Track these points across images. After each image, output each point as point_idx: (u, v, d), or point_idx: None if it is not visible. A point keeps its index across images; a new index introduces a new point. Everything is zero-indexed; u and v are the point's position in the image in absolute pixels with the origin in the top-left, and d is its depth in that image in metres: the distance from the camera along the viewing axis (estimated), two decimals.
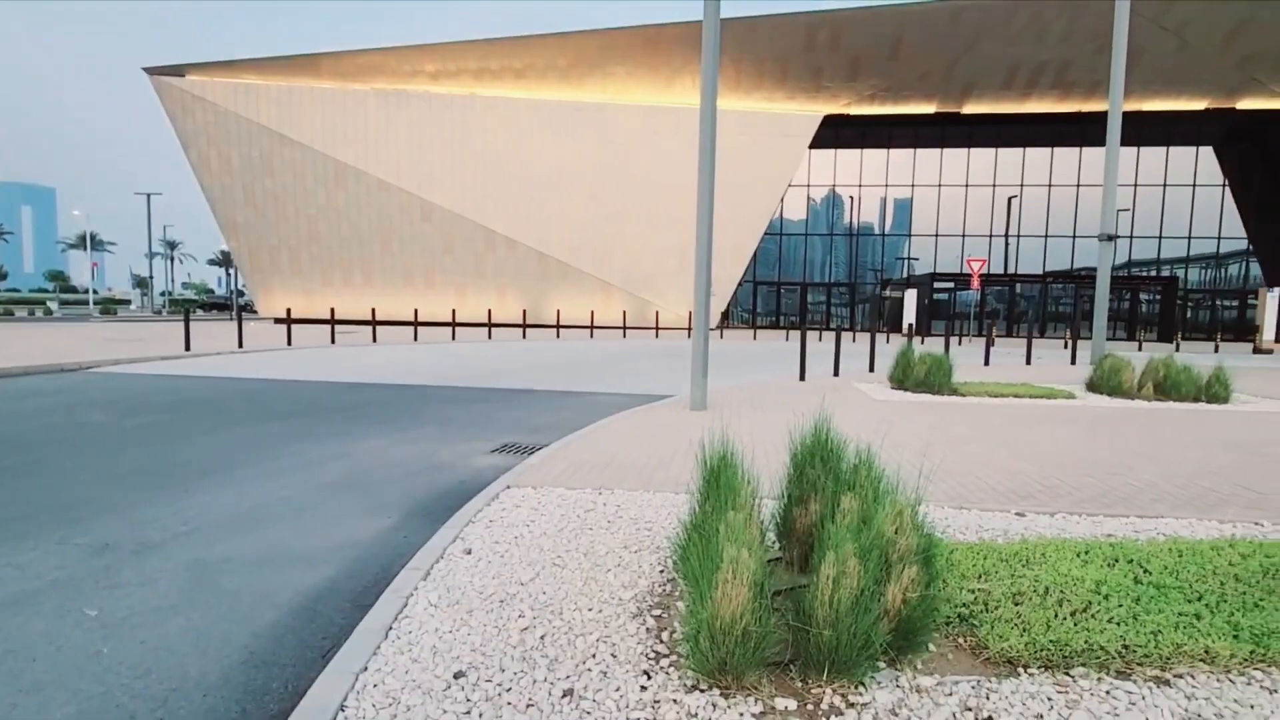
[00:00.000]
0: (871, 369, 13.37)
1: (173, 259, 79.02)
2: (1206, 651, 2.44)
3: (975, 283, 26.54)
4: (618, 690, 2.28)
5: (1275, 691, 2.29)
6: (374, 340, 20.33)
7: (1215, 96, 29.19)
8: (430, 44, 28.33)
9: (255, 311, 34.54)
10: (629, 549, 3.61)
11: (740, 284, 33.01)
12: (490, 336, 24.04)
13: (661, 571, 3.32)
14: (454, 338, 22.74)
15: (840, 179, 36.02)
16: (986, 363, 15.92)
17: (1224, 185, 33.42)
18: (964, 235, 35.43)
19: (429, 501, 4.67)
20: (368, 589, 3.24)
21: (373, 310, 21.60)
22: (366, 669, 2.42)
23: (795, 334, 29.83)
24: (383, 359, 15.32)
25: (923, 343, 21.43)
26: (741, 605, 2.25)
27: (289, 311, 19.16)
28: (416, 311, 23.29)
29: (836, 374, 12.55)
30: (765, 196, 30.75)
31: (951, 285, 33.33)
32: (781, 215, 35.33)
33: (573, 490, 4.71)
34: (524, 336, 24.67)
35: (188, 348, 15.59)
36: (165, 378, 11.37)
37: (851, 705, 2.20)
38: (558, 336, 25.37)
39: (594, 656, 2.50)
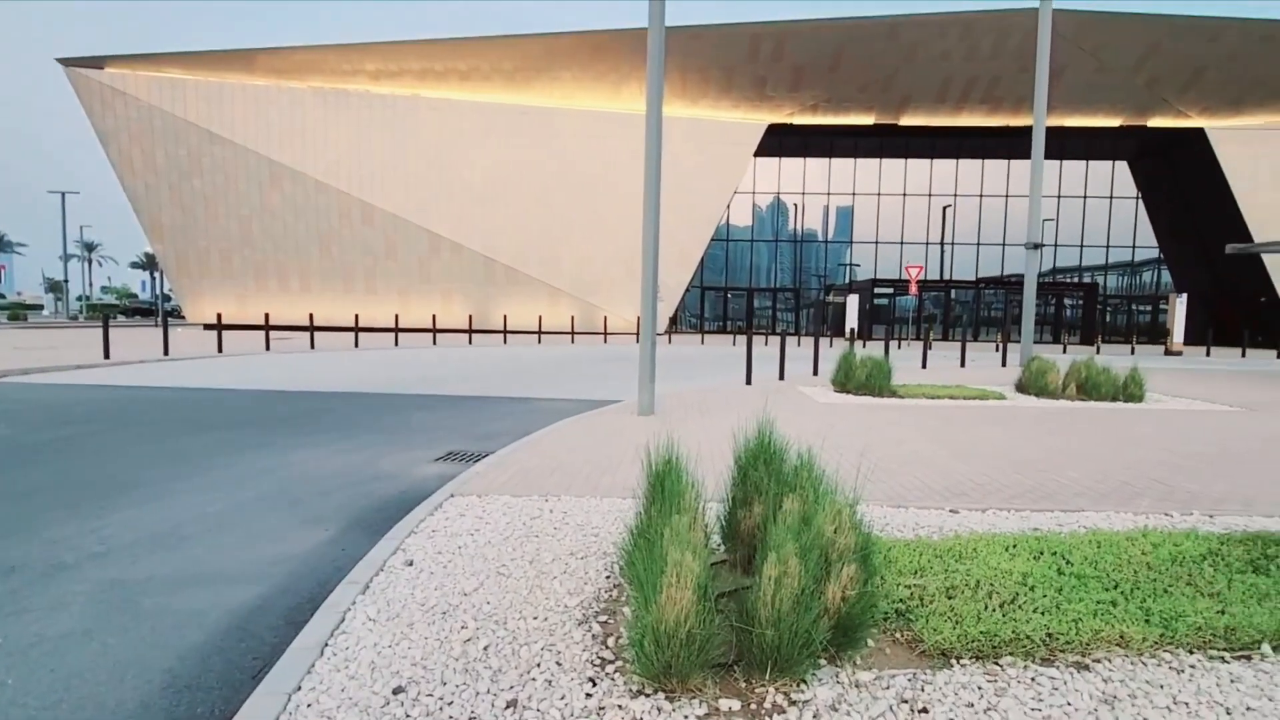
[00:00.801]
0: (815, 372, 13.68)
1: (91, 261, 74.56)
2: (1122, 636, 2.58)
3: (913, 288, 27.51)
4: (562, 699, 2.25)
5: (1182, 672, 2.44)
6: (312, 347, 19.64)
7: (1129, 114, 31.14)
8: (371, 43, 27.65)
9: (183, 317, 32.86)
10: (575, 556, 3.58)
11: (688, 289, 33.31)
12: (435, 342, 23.56)
13: (608, 577, 3.31)
14: (397, 344, 22.18)
15: (784, 187, 36.83)
16: (924, 365, 16.51)
17: (1138, 198, 35.65)
18: (902, 242, 36.70)
19: (369, 513, 4.53)
20: (302, 605, 3.12)
21: (310, 316, 20.87)
22: (300, 688, 2.32)
23: (742, 338, 30.28)
24: (321, 366, 14.82)
25: (864, 346, 22.08)
26: (685, 608, 2.26)
27: (219, 317, 18.28)
28: (357, 317, 22.61)
29: (782, 378, 12.79)
30: (712, 203, 31.15)
31: (891, 291, 34.46)
32: (728, 222, 35.87)
33: (518, 498, 4.65)
34: (470, 342, 24.27)
35: (107, 356, 14.72)
36: (81, 388, 10.71)
37: (793, 703, 2.23)
38: (505, 342, 25.07)
39: (539, 665, 2.47)
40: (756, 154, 32.09)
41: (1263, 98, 28.59)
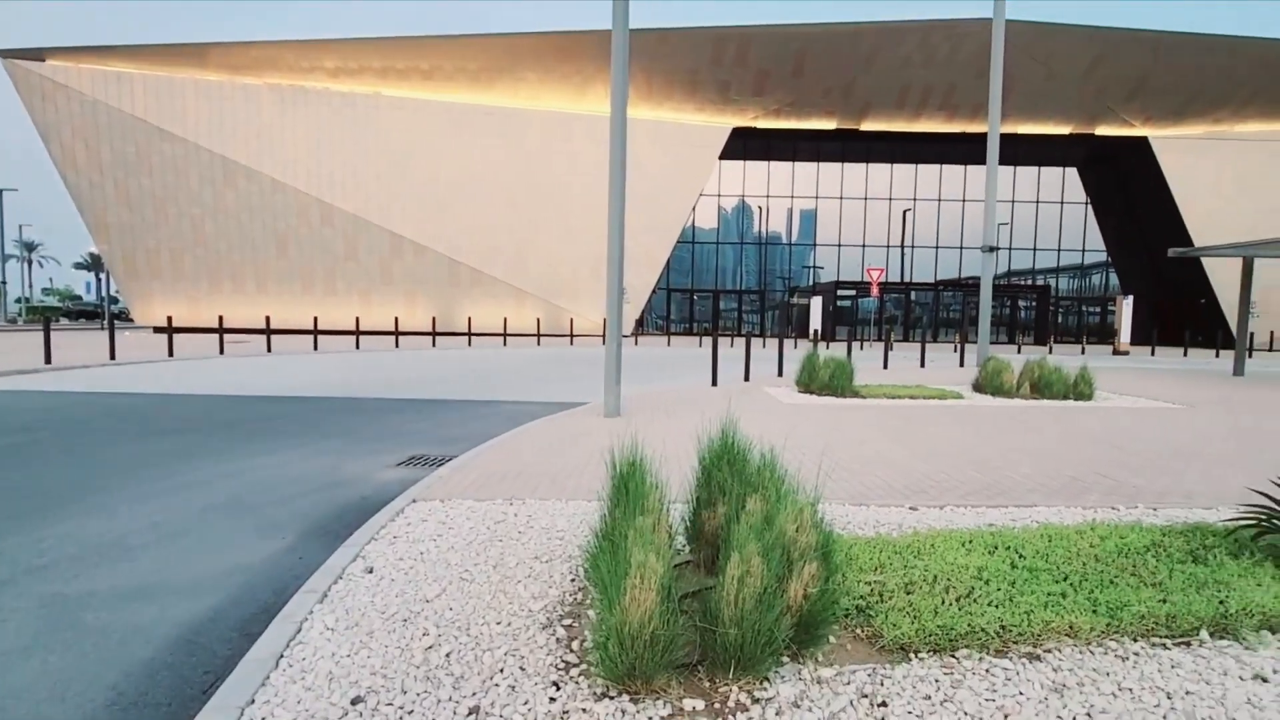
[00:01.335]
0: (780, 373, 13.84)
1: (31, 262, 71.33)
2: (1071, 626, 2.67)
3: (875, 290, 28.06)
4: (525, 704, 2.24)
5: (1126, 659, 2.54)
6: (269, 350, 19.12)
7: (1078, 122, 32.28)
8: (331, 39, 27.05)
9: (131, 320, 31.67)
10: (540, 559, 3.56)
11: (654, 291, 33.40)
12: (398, 345, 23.16)
13: (573, 580, 3.29)
14: (358, 346, 21.75)
15: (749, 189, 37.21)
16: (885, 366, 16.85)
17: (1087, 203, 36.97)
18: (864, 245, 37.40)
19: (328, 520, 4.43)
20: (257, 616, 3.03)
21: (267, 318, 20.29)
22: (254, 701, 2.25)
23: (708, 340, 30.48)
24: (279, 370, 14.44)
25: (828, 347, 22.43)
26: (649, 609, 2.26)
27: (170, 320, 17.65)
28: (316, 320, 22.07)
29: (747, 379, 12.91)
30: (678, 205, 31.30)
31: (854, 293, 35.08)
32: (694, 224, 36.07)
33: (482, 502, 4.60)
34: (434, 345, 23.92)
35: (48, 360, 14.10)
36: (20, 394, 10.24)
37: (756, 701, 2.25)
38: (469, 345, 24.78)
39: (502, 671, 2.44)
40: (721, 157, 32.35)
41: (1201, 109, 29.94)
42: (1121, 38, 26.20)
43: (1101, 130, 32.55)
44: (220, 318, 19.07)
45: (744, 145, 33.61)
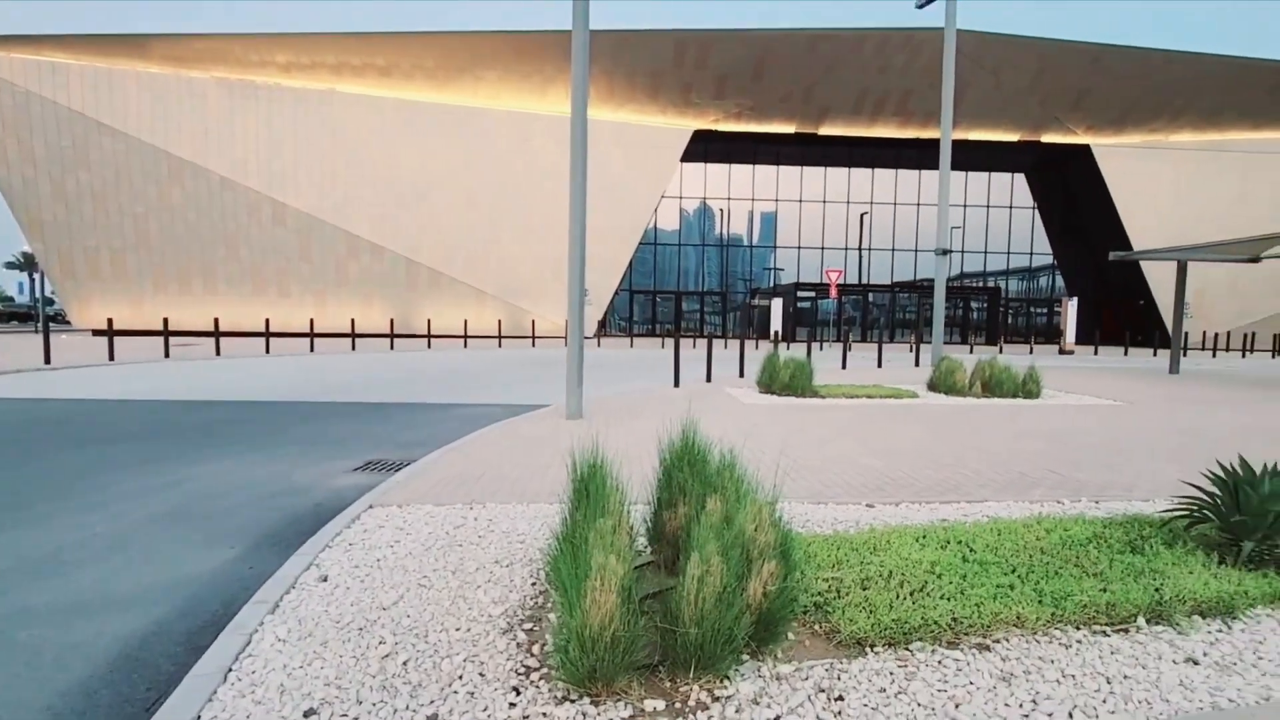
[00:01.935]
0: (741, 374, 13.98)
1: None
2: (1018, 617, 2.76)
3: (833, 292, 28.60)
4: (485, 710, 2.21)
5: (1070, 647, 2.64)
6: (218, 353, 18.49)
7: (1026, 130, 33.44)
8: (282, 34, 26.25)
9: (68, 322, 30.23)
10: (500, 564, 3.52)
11: (617, 293, 33.39)
12: (354, 347, 22.64)
13: (534, 584, 3.27)
14: (313, 349, 21.18)
15: (711, 191, 37.48)
16: (844, 366, 17.17)
17: (1034, 208, 38.29)
18: (823, 247, 38.04)
19: (281, 528, 4.30)
20: (204, 629, 2.93)
21: (215, 321, 19.58)
22: (199, 718, 2.18)
23: (671, 341, 30.59)
24: (228, 374, 13.97)
25: (788, 348, 22.74)
26: (610, 611, 2.26)
27: (110, 323, 16.88)
28: (268, 322, 21.41)
29: (709, 380, 13.01)
30: (640, 206, 31.37)
31: (813, 294, 35.65)
32: (656, 225, 36.16)
33: (441, 506, 4.53)
34: (392, 347, 23.46)
35: None
36: None
37: (717, 699, 2.27)
38: (429, 347, 24.37)
39: (461, 678, 2.41)
40: (683, 159, 32.53)
41: (1139, 119, 31.34)
42: (1065, 49, 27.25)
43: (1047, 138, 33.80)
44: (165, 320, 18.33)
45: (705, 148, 33.86)
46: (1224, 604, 2.93)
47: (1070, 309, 30.19)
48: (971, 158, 34.72)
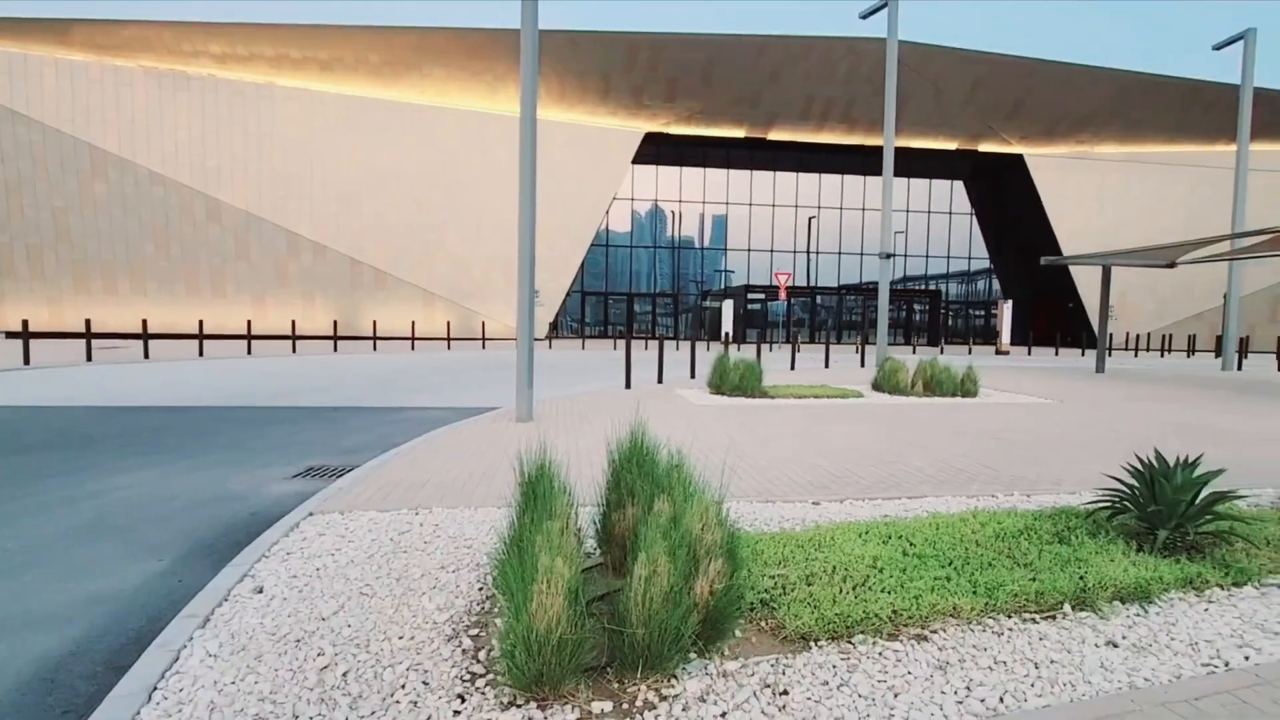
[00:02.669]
0: (693, 375, 14.10)
1: None
2: (954, 608, 2.87)
3: (782, 294, 29.12)
4: (429, 719, 2.16)
5: (1002, 635, 2.75)
6: (146, 356, 17.58)
7: (963, 139, 34.82)
8: (216, 23, 25.12)
9: None
10: (446, 569, 3.45)
11: (568, 294, 33.24)
12: (295, 350, 21.88)
13: (481, 589, 3.22)
14: (250, 352, 20.37)
15: (662, 194, 37.71)
16: (793, 367, 17.50)
17: (972, 214, 39.89)
18: (772, 250, 38.73)
19: (213, 538, 4.12)
20: (127, 647, 2.78)
21: (144, 322, 18.60)
22: None
23: (623, 343, 30.65)
24: (158, 378, 13.30)
25: (739, 350, 23.04)
26: (557, 614, 2.25)
27: (25, 324, 15.85)
28: (202, 324, 20.46)
29: (661, 381, 13.07)
30: (591, 208, 31.33)
31: (763, 296, 36.24)
32: (607, 227, 36.16)
33: (385, 512, 4.42)
34: (335, 350, 22.76)
35: None
36: None
37: (664, 698, 2.28)
38: (374, 349, 23.75)
39: (403, 687, 2.35)
40: (635, 161, 32.64)
41: (1068, 130, 33.02)
42: (999, 62, 28.48)
43: (984, 147, 35.26)
44: (88, 321, 17.32)
45: (657, 150, 34.06)
46: (1141, 589, 3.10)
47: (1006, 311, 31.53)
48: (913, 165, 35.94)
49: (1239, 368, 20.74)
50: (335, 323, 24.80)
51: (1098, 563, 3.31)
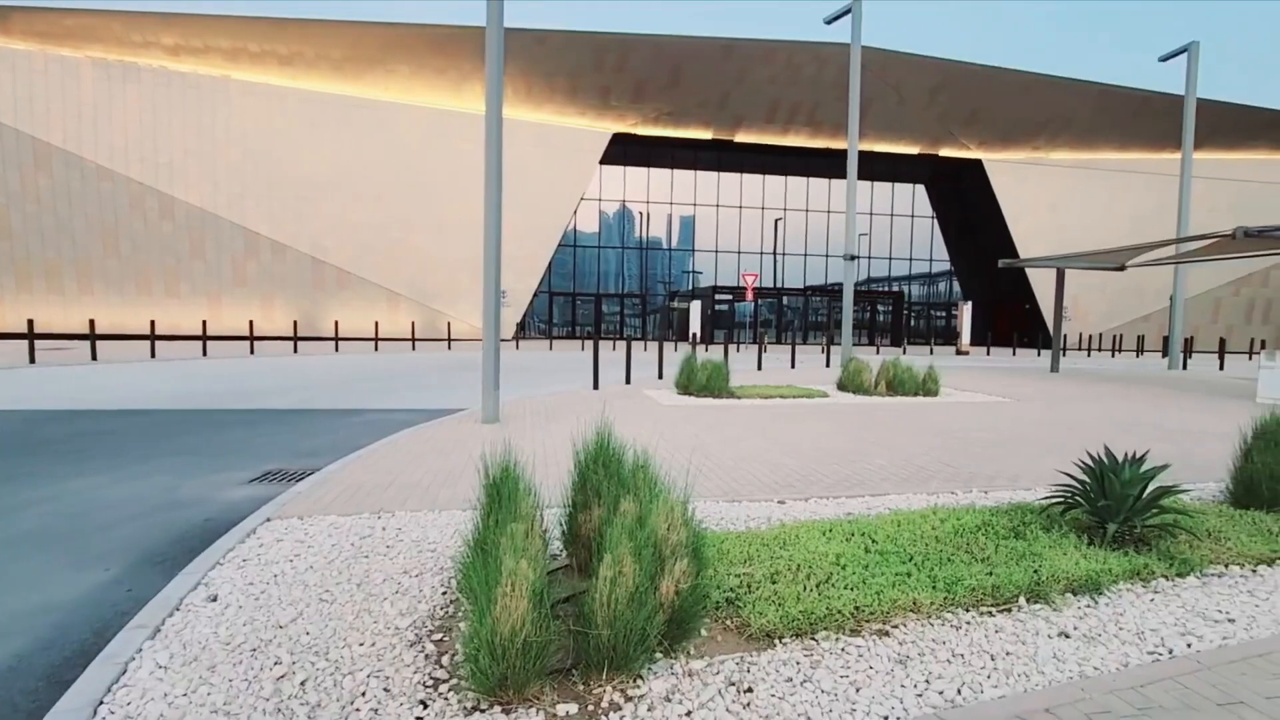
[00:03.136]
0: (660, 376, 14.13)
1: None
2: (914, 603, 2.92)
3: (749, 295, 29.40)
4: None
5: (960, 628, 2.82)
6: (93, 358, 16.93)
7: (924, 144, 35.59)
8: (169, 13, 24.29)
9: None
10: (409, 574, 3.40)
11: (536, 295, 33.02)
12: (253, 351, 21.30)
13: (445, 593, 3.17)
14: (205, 353, 19.76)
15: (630, 195, 37.72)
16: (759, 367, 17.67)
17: (933, 217, 40.80)
18: (740, 252, 39.04)
19: (164, 546, 3.98)
20: (71, 661, 2.67)
21: (91, 322, 17.90)
22: None
23: (591, 344, 30.55)
24: (106, 380, 12.82)
25: (706, 350, 23.17)
26: (521, 617, 2.23)
27: None
28: (154, 324, 19.76)
29: (628, 382, 13.06)
30: (559, 208, 31.17)
31: (730, 297, 36.51)
32: (575, 227, 36.03)
33: (347, 517, 4.32)
34: (295, 351, 22.22)
35: None
36: None
37: (629, 699, 2.28)
38: (336, 350, 23.26)
39: (364, 695, 2.31)
40: (602, 161, 32.58)
41: (1024, 136, 34.00)
42: (958, 69, 29.19)
43: (944, 152, 36.10)
44: (30, 321, 16.59)
45: (624, 151, 34.06)
46: (1092, 581, 3.20)
47: (966, 312, 32.32)
48: (876, 169, 36.61)
49: (1184, 367, 21.63)
50: (295, 323, 24.22)
51: (1051, 556, 3.41)
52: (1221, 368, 21.65)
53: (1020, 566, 3.28)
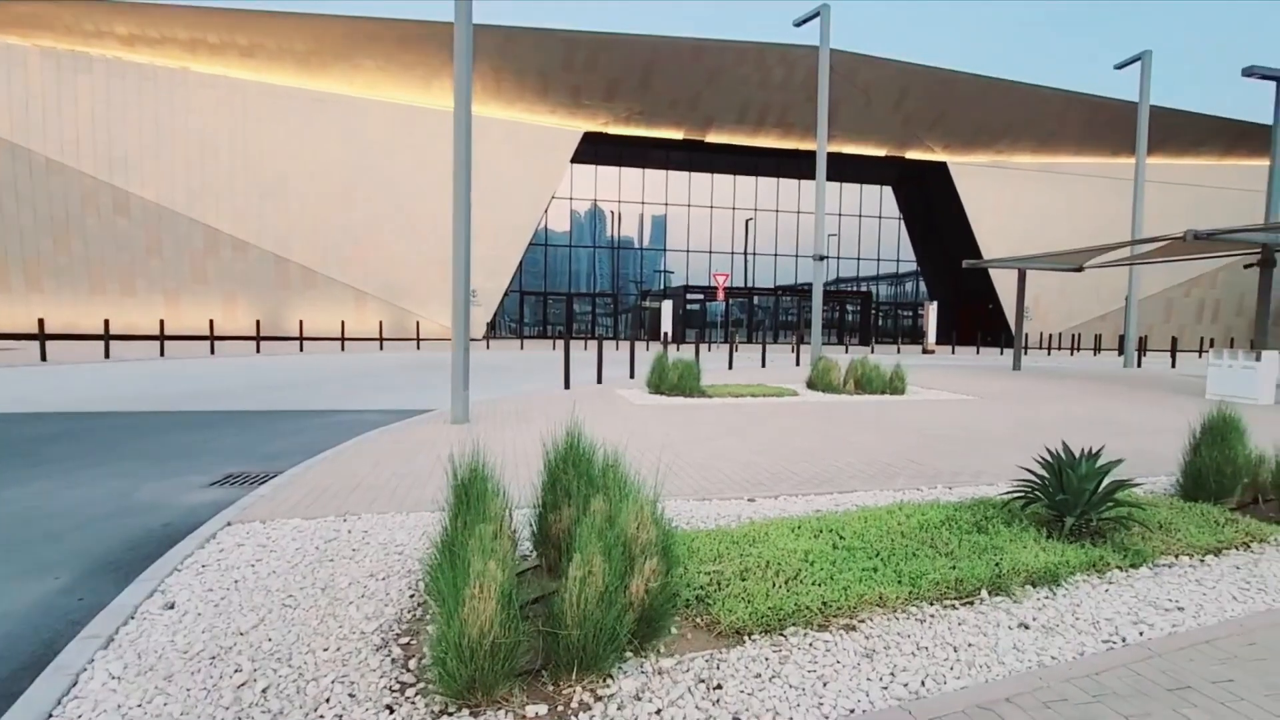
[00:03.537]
0: (632, 375, 14.14)
1: None
2: (880, 597, 2.97)
3: (720, 295, 29.59)
4: None
5: (924, 621, 2.87)
6: (43, 358, 16.30)
7: (891, 146, 36.19)
8: (123, 1, 23.45)
9: None
10: (375, 577, 3.34)
11: (506, 294, 32.75)
12: (214, 351, 20.74)
13: (412, 596, 3.13)
14: (163, 354, 19.18)
15: (601, 194, 37.65)
16: (730, 366, 17.78)
17: (900, 219, 41.52)
18: (711, 251, 39.25)
19: (119, 552, 3.85)
20: (18, 673, 2.56)
21: (40, 322, 17.22)
22: None
23: (562, 343, 30.44)
24: (57, 381, 12.36)
25: (678, 350, 23.25)
26: (490, 619, 2.21)
27: None
28: (108, 323, 19.08)
29: (600, 381, 13.04)
30: (529, 207, 30.95)
31: (701, 297, 36.69)
32: (546, 226, 35.84)
33: (311, 520, 4.24)
34: (259, 351, 21.70)
35: None
36: None
37: (599, 698, 2.27)
38: (301, 350, 22.78)
39: (328, 701, 2.26)
40: (574, 160, 32.45)
41: (987, 140, 34.80)
42: (924, 73, 29.74)
43: (910, 154, 36.75)
44: None
45: (596, 150, 33.97)
46: (1050, 573, 3.29)
47: (931, 312, 32.96)
48: (845, 170, 37.12)
49: (1139, 365, 22.37)
50: (258, 323, 23.64)
51: (1012, 549, 3.50)
52: (1174, 366, 22.46)
53: (982, 560, 3.36)
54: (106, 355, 17.74)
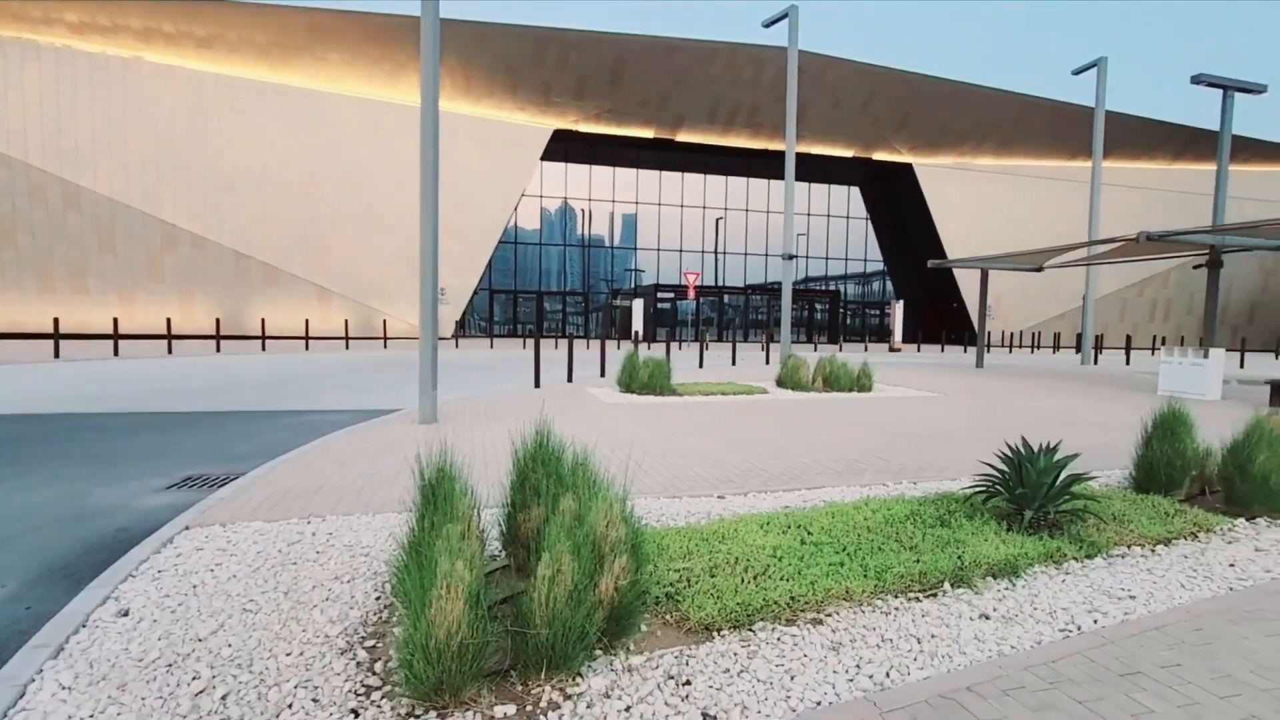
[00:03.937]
0: (603, 374, 14.11)
1: None
2: (847, 591, 3.02)
3: (691, 294, 29.71)
4: None
5: (889, 614, 2.92)
6: None
7: (859, 147, 36.73)
8: None
9: None
10: (340, 580, 3.28)
11: (476, 292, 32.42)
12: (171, 351, 20.13)
13: (379, 599, 3.08)
14: (117, 353, 18.55)
15: (572, 192, 37.50)
16: (701, 365, 17.87)
17: (867, 219, 42.17)
18: (682, 250, 39.39)
19: (70, 558, 3.72)
20: None
21: None
22: None
23: (532, 342, 30.23)
24: (1, 380, 11.88)
25: (649, 348, 23.28)
26: (457, 619, 2.19)
27: None
28: (57, 322, 18.38)
29: (570, 380, 12.99)
30: (499, 204, 30.67)
31: (672, 296, 36.80)
32: (516, 224, 35.57)
33: (274, 523, 4.14)
34: (219, 350, 21.12)
35: None
36: None
37: (569, 697, 2.27)
38: (263, 349, 22.24)
39: (290, 706, 2.22)
40: (544, 158, 32.26)
41: (950, 142, 35.55)
42: (889, 76, 30.24)
43: (877, 155, 37.35)
44: None
45: (566, 148, 33.83)
46: (1010, 565, 3.38)
47: (898, 311, 33.57)
48: (814, 170, 37.57)
49: (1095, 362, 23.08)
50: (218, 321, 22.99)
51: (974, 543, 3.58)
52: (1128, 363, 23.24)
53: (945, 553, 3.43)
54: (56, 355, 17.09)
